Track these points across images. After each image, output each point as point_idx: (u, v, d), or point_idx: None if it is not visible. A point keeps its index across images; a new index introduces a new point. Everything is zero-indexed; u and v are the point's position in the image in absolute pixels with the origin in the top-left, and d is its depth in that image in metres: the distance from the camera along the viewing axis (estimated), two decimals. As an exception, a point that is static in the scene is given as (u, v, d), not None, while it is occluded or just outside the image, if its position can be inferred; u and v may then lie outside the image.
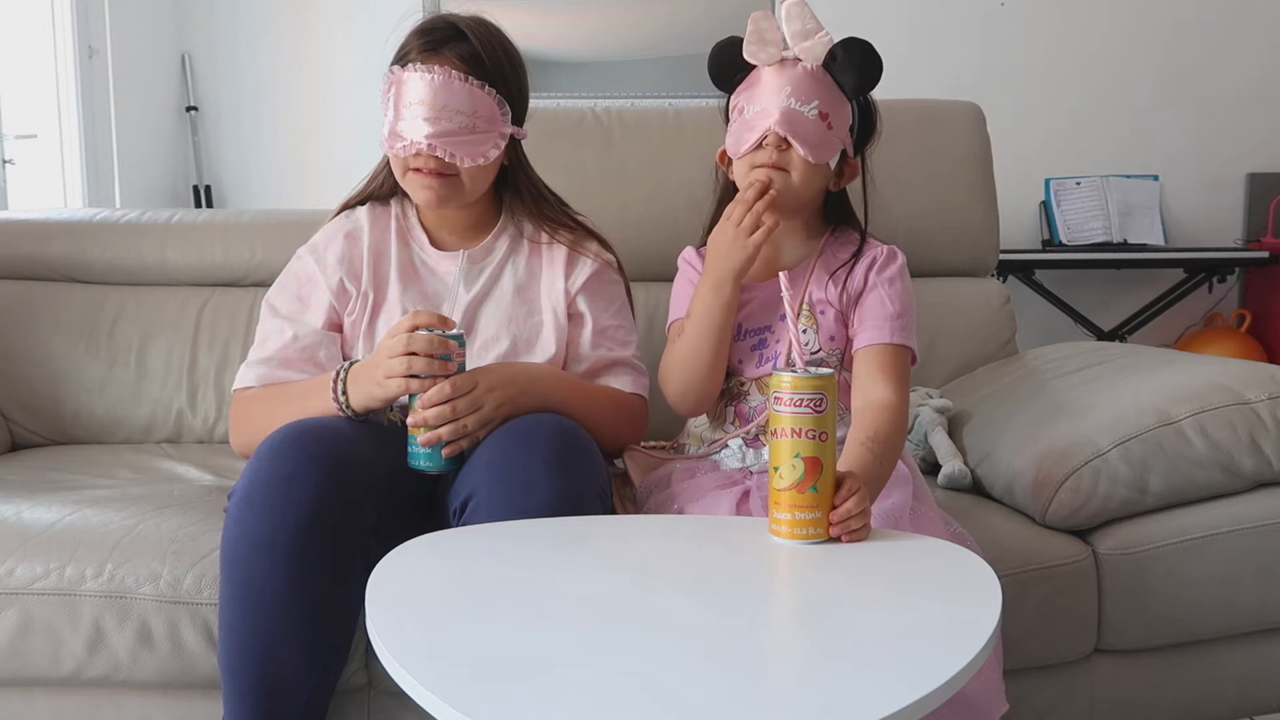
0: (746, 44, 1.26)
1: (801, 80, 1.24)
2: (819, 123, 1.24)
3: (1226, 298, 3.76)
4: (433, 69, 1.30)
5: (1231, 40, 3.69)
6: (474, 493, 1.15)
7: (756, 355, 1.34)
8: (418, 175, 1.34)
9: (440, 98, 1.29)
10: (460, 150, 1.31)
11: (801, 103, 1.23)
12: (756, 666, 0.78)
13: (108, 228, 1.93)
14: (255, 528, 1.11)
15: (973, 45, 3.67)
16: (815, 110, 1.24)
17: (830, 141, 1.27)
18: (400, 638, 0.80)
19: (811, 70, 1.24)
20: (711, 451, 1.35)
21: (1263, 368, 1.48)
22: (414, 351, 1.19)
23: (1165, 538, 1.36)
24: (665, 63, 3.66)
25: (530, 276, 1.44)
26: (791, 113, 1.23)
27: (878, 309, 1.30)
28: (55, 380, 1.83)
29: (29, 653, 1.26)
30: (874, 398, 1.23)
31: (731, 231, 1.25)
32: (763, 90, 1.26)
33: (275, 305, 1.43)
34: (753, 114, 1.27)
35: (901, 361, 1.28)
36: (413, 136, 1.30)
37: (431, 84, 1.29)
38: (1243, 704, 1.46)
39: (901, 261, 1.35)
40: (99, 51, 3.22)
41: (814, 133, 1.24)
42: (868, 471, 1.11)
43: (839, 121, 1.27)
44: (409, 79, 1.30)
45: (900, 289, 1.32)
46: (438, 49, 1.32)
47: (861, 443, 1.15)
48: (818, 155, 1.26)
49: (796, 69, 1.24)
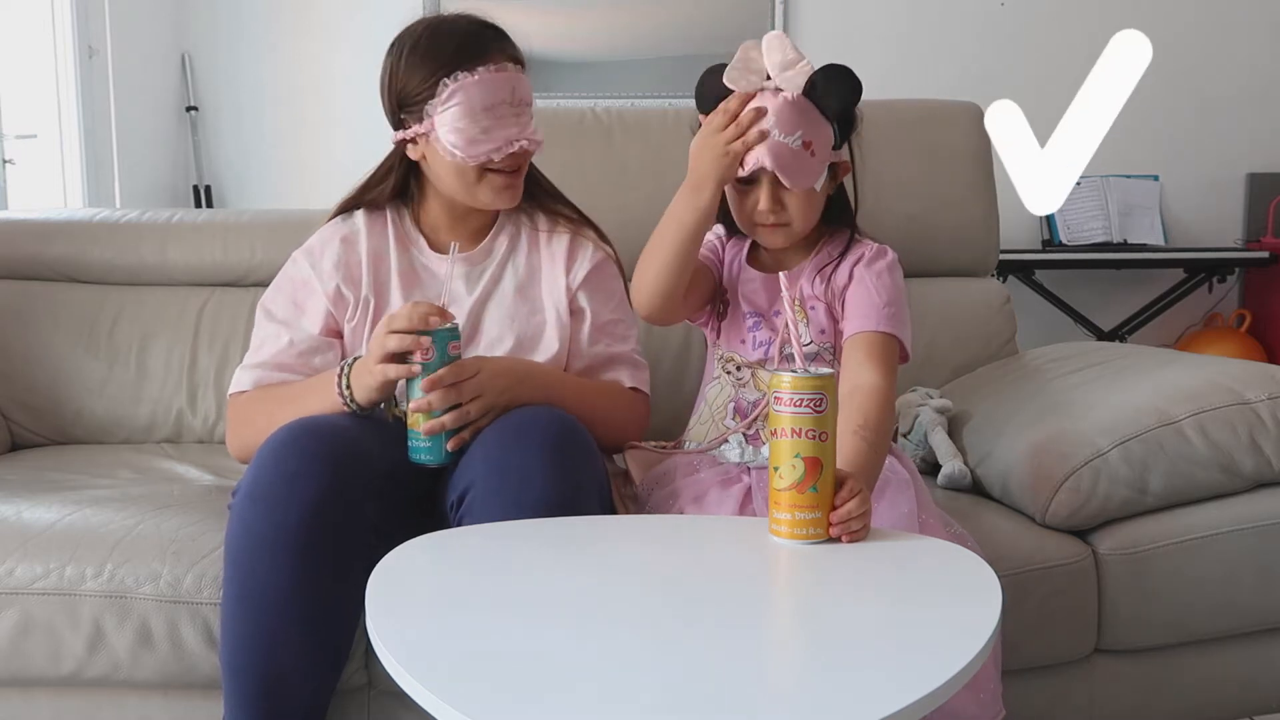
0: (730, 70, 1.26)
1: (783, 112, 1.24)
2: (803, 152, 1.25)
3: (1226, 298, 3.76)
4: (505, 67, 1.32)
5: (1231, 40, 3.69)
6: (471, 486, 1.15)
7: (753, 335, 1.35)
8: (499, 177, 1.35)
9: (518, 94, 1.33)
10: (538, 137, 1.35)
11: (785, 134, 1.23)
12: (756, 667, 0.78)
13: (108, 228, 1.93)
14: (258, 526, 1.11)
15: (973, 45, 3.67)
16: (799, 140, 1.24)
17: (815, 168, 1.27)
18: (400, 638, 0.80)
19: (793, 100, 1.24)
20: (711, 447, 1.36)
21: (1263, 368, 1.49)
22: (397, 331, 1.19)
23: (1165, 538, 1.36)
24: (665, 63, 3.66)
25: (531, 275, 1.44)
26: (775, 145, 1.23)
27: (865, 299, 1.31)
28: (55, 380, 1.83)
29: (29, 653, 1.26)
30: (861, 381, 1.23)
31: (713, 139, 1.24)
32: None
33: (271, 310, 1.42)
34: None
35: (889, 349, 1.28)
36: (507, 137, 1.31)
37: (508, 81, 1.31)
38: (1243, 704, 1.46)
39: (891, 258, 1.35)
40: (99, 51, 3.22)
41: (798, 163, 1.25)
42: (864, 463, 1.11)
43: (821, 146, 1.27)
44: (484, 82, 1.30)
45: (888, 282, 1.32)
46: (495, 48, 1.33)
47: (854, 431, 1.15)
48: (800, 183, 1.26)
49: (778, 100, 1.24)
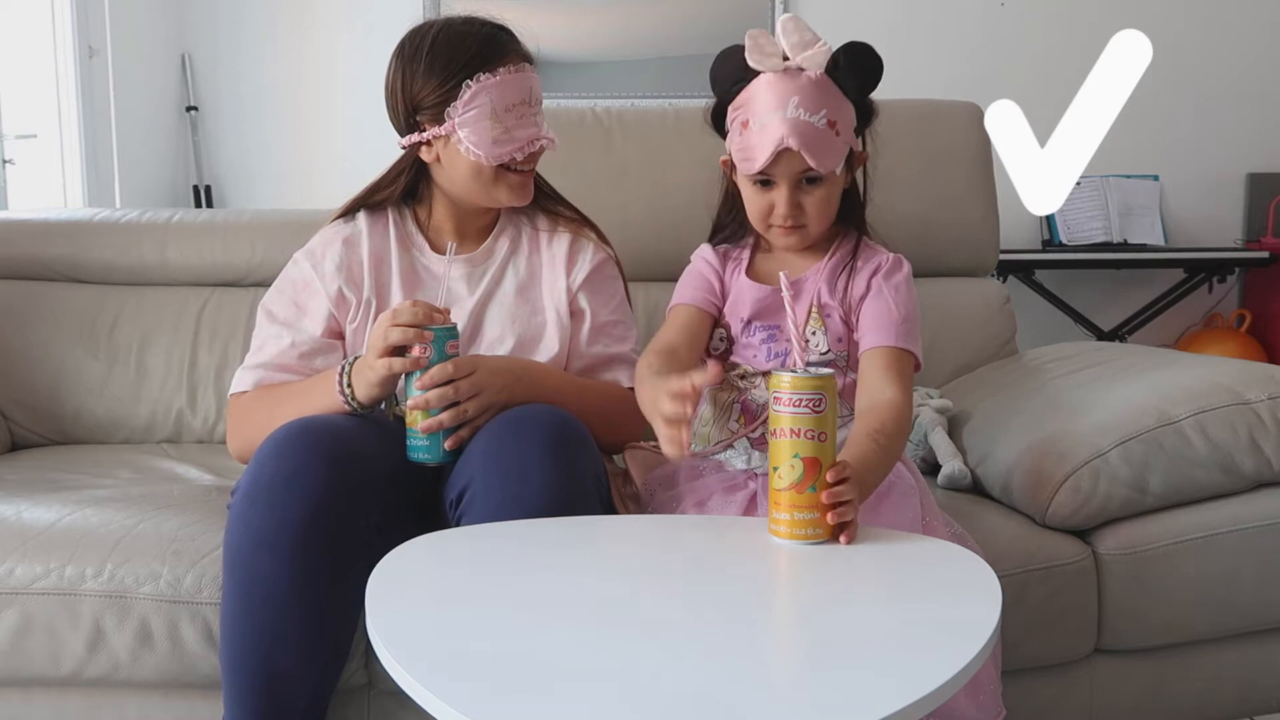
0: (749, 53, 1.25)
1: (807, 90, 1.23)
2: (828, 131, 1.23)
3: (1226, 298, 3.76)
4: (522, 68, 1.33)
5: (1231, 40, 3.69)
6: (470, 483, 1.15)
7: (766, 348, 1.33)
8: (515, 175, 1.37)
9: (536, 94, 1.35)
10: (552, 134, 1.37)
11: (810, 113, 1.22)
12: (756, 667, 0.78)
13: (108, 228, 1.93)
14: (258, 524, 1.11)
15: (973, 45, 3.67)
16: (824, 119, 1.23)
17: (839, 148, 1.26)
18: (400, 638, 0.80)
19: (816, 79, 1.23)
20: (715, 450, 1.35)
21: (1263, 368, 1.49)
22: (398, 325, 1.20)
23: (1165, 538, 1.36)
24: (665, 63, 3.66)
25: (532, 276, 1.45)
26: (801, 124, 1.22)
27: (883, 314, 1.29)
28: (55, 380, 1.83)
29: (29, 652, 1.26)
30: (880, 398, 1.22)
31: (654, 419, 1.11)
32: (767, 103, 1.24)
33: (272, 311, 1.42)
34: (759, 128, 1.25)
35: (906, 364, 1.28)
36: (529, 136, 1.33)
37: (526, 81, 1.33)
38: (1243, 704, 1.46)
39: (907, 270, 1.34)
40: (99, 51, 3.22)
41: (824, 142, 1.24)
42: (869, 462, 1.11)
43: (845, 126, 1.26)
44: (504, 83, 1.31)
45: (905, 296, 1.31)
46: (511, 49, 1.35)
47: (868, 434, 1.15)
48: (827, 164, 1.25)
49: (800, 79, 1.23)
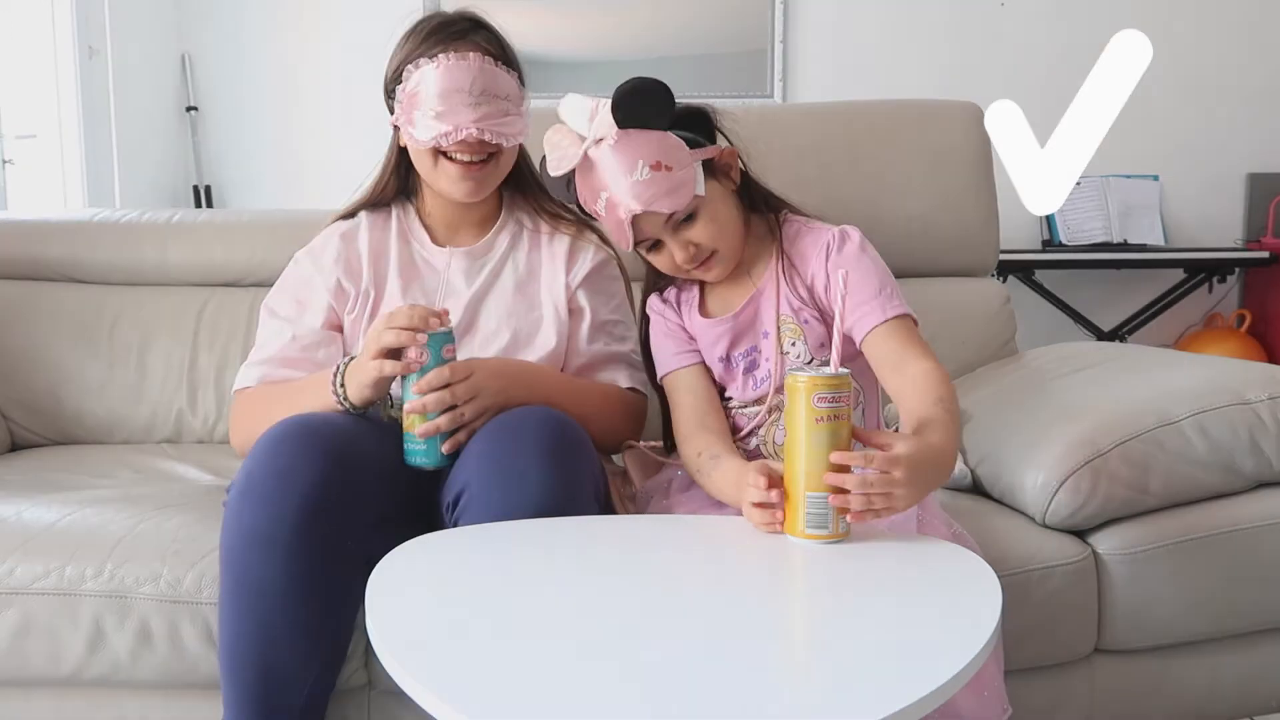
0: (550, 163, 1.26)
1: (616, 155, 1.21)
2: (659, 175, 1.21)
3: (1226, 298, 3.76)
4: (466, 56, 1.31)
5: (1231, 40, 3.69)
6: (466, 486, 1.15)
7: (750, 378, 1.31)
8: (455, 167, 1.34)
9: (479, 83, 1.31)
10: (504, 130, 1.33)
11: (632, 172, 1.20)
12: (756, 666, 0.78)
13: (108, 228, 1.93)
14: (252, 521, 1.11)
15: (973, 45, 3.67)
16: (646, 169, 1.20)
17: (682, 178, 1.22)
18: (400, 638, 0.80)
19: (616, 139, 1.21)
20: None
21: (1263, 368, 1.48)
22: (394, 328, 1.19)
23: (1165, 538, 1.36)
24: (665, 63, 3.66)
25: (531, 272, 1.45)
26: (633, 186, 1.20)
27: (857, 294, 1.25)
28: (55, 380, 1.83)
29: (29, 652, 1.26)
30: (912, 370, 1.19)
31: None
32: (595, 186, 1.24)
33: (274, 309, 1.43)
34: (606, 211, 1.24)
35: (909, 329, 1.24)
36: (457, 123, 1.30)
37: (469, 70, 1.31)
38: (1243, 704, 1.46)
39: (858, 238, 1.30)
40: (99, 51, 3.22)
41: (663, 187, 1.21)
42: (949, 429, 1.09)
43: (672, 157, 1.22)
44: (442, 68, 1.30)
45: (869, 264, 1.27)
46: (464, 37, 1.33)
47: (935, 401, 1.13)
48: (681, 200, 1.22)
49: (602, 149, 1.22)
